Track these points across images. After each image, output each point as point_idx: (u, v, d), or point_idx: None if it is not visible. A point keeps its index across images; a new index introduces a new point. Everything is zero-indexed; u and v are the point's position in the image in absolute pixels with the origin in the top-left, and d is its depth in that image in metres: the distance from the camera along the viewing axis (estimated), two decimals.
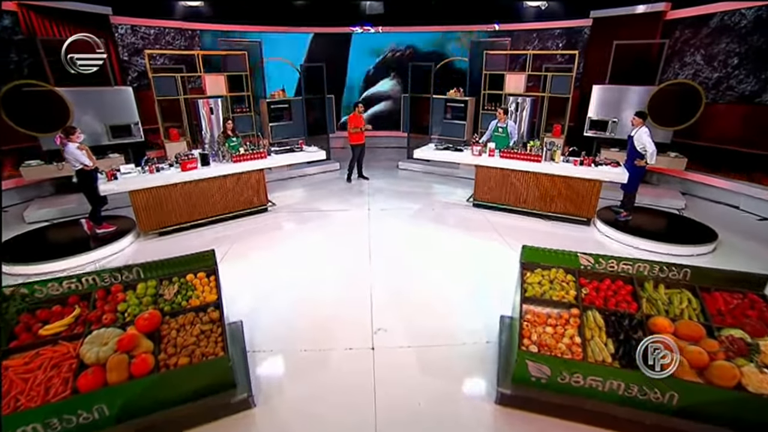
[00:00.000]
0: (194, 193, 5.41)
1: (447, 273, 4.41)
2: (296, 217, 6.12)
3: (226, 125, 6.14)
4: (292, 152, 6.40)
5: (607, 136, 6.89)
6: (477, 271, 4.44)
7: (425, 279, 4.29)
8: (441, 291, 4.07)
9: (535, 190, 5.92)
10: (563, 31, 8.45)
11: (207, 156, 5.47)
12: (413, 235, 5.43)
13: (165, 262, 2.89)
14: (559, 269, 3.11)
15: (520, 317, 2.81)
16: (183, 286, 2.87)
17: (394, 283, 4.20)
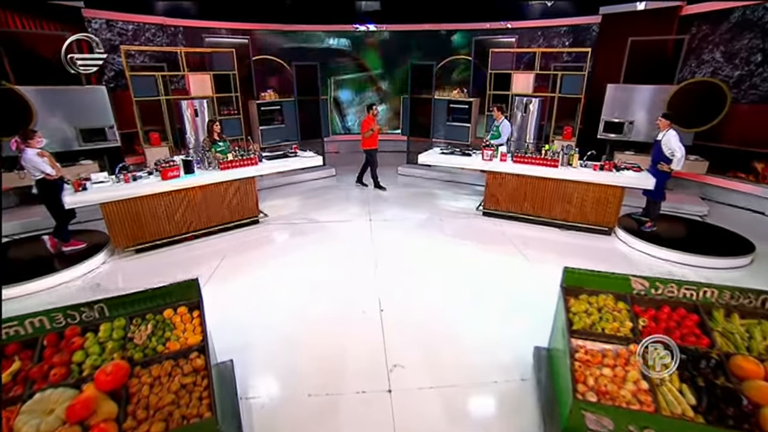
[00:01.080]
0: (176, 204, 4.89)
1: (464, 294, 3.97)
2: (291, 229, 5.62)
3: (212, 128, 5.63)
4: (285, 158, 5.92)
5: (622, 138, 6.56)
6: (498, 292, 4.01)
7: (441, 302, 3.84)
8: (461, 316, 3.62)
9: (551, 197, 5.54)
10: (570, 29, 8.16)
11: (191, 162, 4.95)
12: (422, 249, 4.99)
13: (136, 295, 2.38)
14: (608, 295, 2.69)
15: (569, 356, 2.37)
16: (159, 325, 2.36)
17: (407, 308, 3.74)
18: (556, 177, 5.38)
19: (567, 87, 6.89)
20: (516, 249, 4.99)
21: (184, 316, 2.47)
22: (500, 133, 6.34)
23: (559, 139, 7.34)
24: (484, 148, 5.84)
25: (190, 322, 2.46)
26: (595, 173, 5.22)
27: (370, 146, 6.99)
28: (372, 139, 6.93)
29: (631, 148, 6.61)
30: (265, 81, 8.65)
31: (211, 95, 7.20)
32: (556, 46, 8.34)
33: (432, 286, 4.11)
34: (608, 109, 6.59)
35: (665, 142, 4.85)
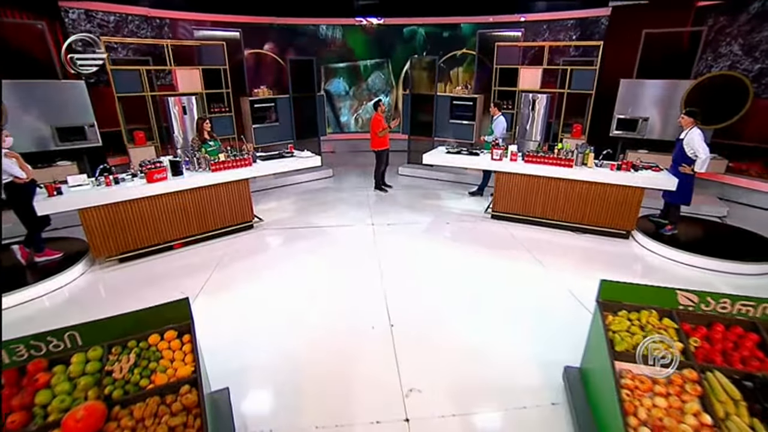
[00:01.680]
0: (163, 209, 4.57)
1: (480, 306, 3.71)
2: (288, 235, 5.32)
3: (202, 127, 5.31)
4: (281, 158, 5.62)
5: (635, 136, 6.37)
6: (516, 303, 3.76)
7: (455, 315, 3.58)
8: (478, 331, 3.37)
9: (564, 199, 5.32)
10: (577, 22, 7.96)
11: (179, 164, 4.64)
12: (430, 255, 4.73)
13: (116, 319, 2.08)
14: (650, 311, 2.45)
15: (615, 383, 2.11)
16: (143, 354, 2.06)
17: (419, 322, 3.47)
18: (570, 177, 5.16)
19: (577, 82, 6.69)
20: (530, 254, 4.76)
21: (172, 342, 2.18)
22: (494, 129, 6.26)
23: (568, 137, 7.15)
24: (494, 147, 5.61)
25: (180, 349, 2.16)
26: (612, 173, 5.00)
27: (382, 146, 6.74)
28: (384, 139, 6.68)
29: (644, 147, 6.42)
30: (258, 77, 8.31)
31: (200, 91, 6.88)
32: (562, 40, 8.15)
33: (444, 297, 3.85)
34: (621, 106, 6.40)
35: (688, 141, 4.64)
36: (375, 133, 6.59)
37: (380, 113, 6.56)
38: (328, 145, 9.76)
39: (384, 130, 6.56)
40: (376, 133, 6.58)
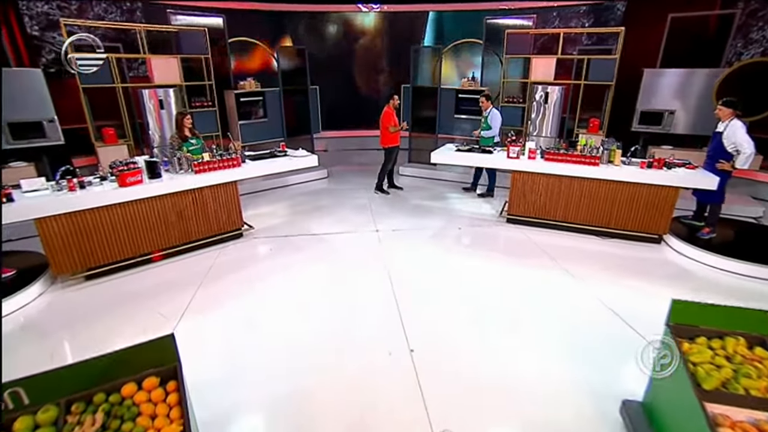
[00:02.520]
0: (138, 217, 4.13)
1: (510, 325, 3.38)
2: (283, 244, 4.93)
3: (182, 123, 4.88)
4: (273, 158, 5.22)
5: (660, 131, 6.14)
6: (549, 320, 3.45)
7: (484, 336, 3.24)
8: (512, 355, 3.03)
9: (588, 200, 5.06)
10: (590, 9, 7.74)
11: (156, 165, 4.21)
12: (445, 266, 4.40)
13: (76, 368, 1.67)
14: (737, 338, 2.14)
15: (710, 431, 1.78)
16: (114, 411, 1.66)
17: (443, 347, 3.12)
18: (596, 177, 4.89)
19: (595, 73, 6.44)
20: (555, 263, 4.47)
21: (153, 393, 1.78)
22: (490, 125, 6.09)
23: (584, 132, 6.90)
24: (510, 144, 5.31)
25: (164, 401, 1.77)
26: (642, 172, 4.74)
27: (393, 143, 6.43)
28: (395, 135, 6.37)
29: (668, 142, 6.20)
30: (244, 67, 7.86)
31: (179, 83, 6.43)
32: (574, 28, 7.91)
33: (467, 314, 3.51)
34: (645, 98, 6.16)
35: (729, 134, 4.40)
36: (385, 128, 6.27)
37: (392, 107, 6.26)
38: (320, 143, 9.36)
39: (396, 127, 6.25)
40: (386, 128, 6.26)
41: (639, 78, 6.40)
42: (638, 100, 6.20)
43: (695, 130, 6.00)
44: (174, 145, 4.68)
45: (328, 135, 9.28)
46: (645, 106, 6.21)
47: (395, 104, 6.26)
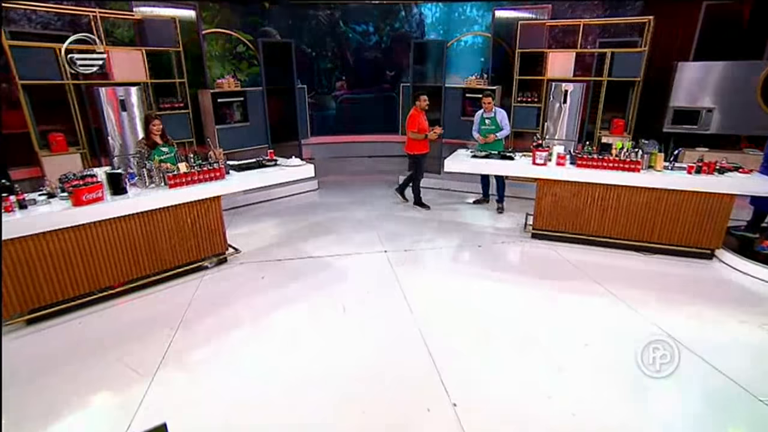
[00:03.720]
0: (99, 243, 3.60)
1: (566, 366, 2.99)
2: (276, 271, 4.45)
3: (150, 127, 4.39)
4: (261, 168, 4.76)
5: (698, 131, 5.98)
6: (611, 358, 3.09)
7: (538, 381, 2.84)
8: (578, 406, 2.63)
9: (627, 211, 4.82)
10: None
11: (121, 178, 3.69)
12: (473, 294, 4.03)
13: None
14: None
15: None
16: None
17: (492, 399, 2.70)
18: (636, 185, 4.63)
19: (619, 68, 6.26)
20: (598, 285, 4.16)
21: None
22: (500, 125, 5.87)
23: (607, 134, 6.71)
24: (536, 149, 5.02)
25: None
26: (690, 177, 4.51)
27: (419, 150, 6.06)
28: (423, 142, 6.01)
29: (702, 143, 6.04)
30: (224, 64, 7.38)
31: (145, 80, 5.92)
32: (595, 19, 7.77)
33: (512, 354, 3.12)
34: (678, 95, 6.00)
35: None
36: (409, 133, 5.99)
37: (419, 109, 5.92)
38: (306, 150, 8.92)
39: (418, 132, 5.90)
40: (409, 133, 5.98)
41: (667, 73, 6.26)
42: (671, 97, 6.03)
43: (733, 130, 5.86)
44: (143, 154, 4.17)
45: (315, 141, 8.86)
46: (679, 104, 6.04)
47: (422, 105, 5.90)
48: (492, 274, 4.46)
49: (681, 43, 6.25)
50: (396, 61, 8.69)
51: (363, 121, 8.85)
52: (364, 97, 8.99)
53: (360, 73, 8.92)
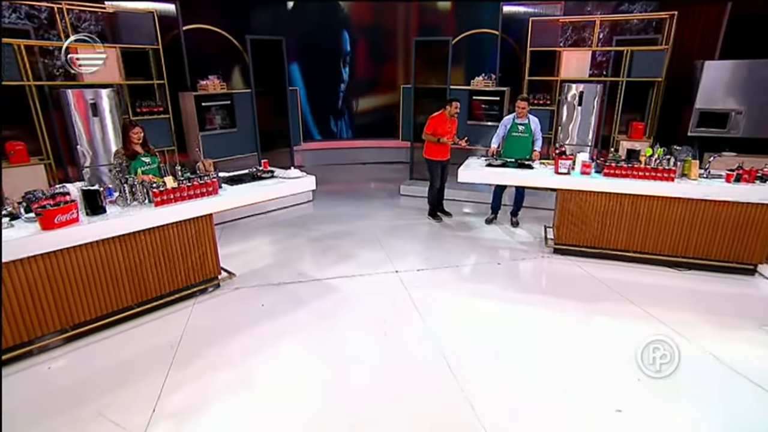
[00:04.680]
0: (73, 272, 3.26)
1: (623, 406, 2.77)
2: (277, 296, 4.16)
3: (130, 135, 4.08)
4: (256, 180, 4.47)
5: (726, 134, 5.93)
6: (669, 396, 2.89)
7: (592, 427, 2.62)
8: None
9: (658, 224, 4.69)
10: None
11: (98, 196, 3.36)
12: (501, 319, 3.82)
13: None
14: None
15: None
16: None
17: None
18: (672, 195, 4.50)
19: (639, 67, 6.19)
20: (636, 307, 4.00)
21: None
22: (533, 133, 5.58)
23: (625, 138, 6.63)
24: (559, 157, 4.86)
25: None
26: (729, 187, 4.40)
27: (432, 155, 5.84)
28: (441, 147, 5.76)
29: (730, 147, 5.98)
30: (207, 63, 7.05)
31: (120, 82, 5.58)
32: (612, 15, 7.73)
33: (556, 392, 2.90)
34: (705, 96, 5.93)
35: None
36: (428, 135, 5.75)
37: (447, 114, 5.64)
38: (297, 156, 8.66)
39: (436, 136, 5.63)
40: (425, 135, 5.75)
41: (688, 72, 6.21)
42: (696, 98, 5.97)
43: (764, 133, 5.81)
44: (123, 166, 3.84)
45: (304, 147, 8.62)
46: (705, 106, 5.98)
47: (451, 112, 5.62)
48: (517, 296, 4.25)
49: (705, 41, 6.21)
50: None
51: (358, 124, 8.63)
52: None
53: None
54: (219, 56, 6.97)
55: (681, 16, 5.96)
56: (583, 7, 7.68)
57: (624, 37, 7.21)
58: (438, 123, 5.64)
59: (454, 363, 3.16)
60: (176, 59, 6.19)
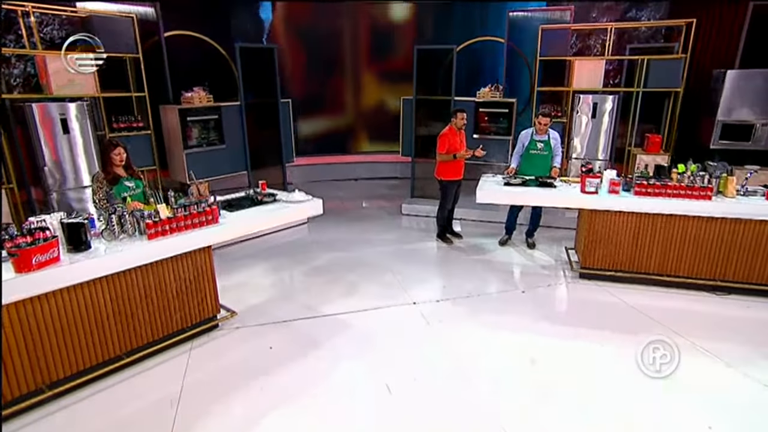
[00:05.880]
0: (51, 321, 2.92)
1: None
2: (286, 336, 3.90)
3: (112, 156, 3.79)
4: (256, 205, 4.19)
5: (751, 147, 5.98)
6: None
7: None
8: None
9: (694, 245, 4.62)
10: None
11: (82, 230, 3.04)
12: (538, 356, 3.62)
13: None
14: None
15: None
16: None
17: None
18: (710, 215, 4.44)
19: (655, 77, 6.22)
20: (683, 339, 3.84)
21: None
22: (554, 152, 5.50)
23: (641, 152, 6.62)
24: (585, 176, 4.77)
25: None
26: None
27: (446, 176, 5.67)
28: (452, 166, 5.61)
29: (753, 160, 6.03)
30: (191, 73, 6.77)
31: (94, 94, 5.27)
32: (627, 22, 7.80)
33: None
34: (728, 107, 5.98)
35: None
36: (438, 155, 5.62)
37: (454, 128, 5.52)
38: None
39: (450, 153, 5.49)
40: (439, 155, 5.60)
41: (706, 82, 6.26)
42: (718, 109, 6.01)
43: None
44: (109, 193, 3.51)
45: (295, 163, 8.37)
46: (728, 117, 6.03)
47: (459, 124, 5.49)
48: (552, 329, 4.08)
49: (723, 49, 6.28)
50: None
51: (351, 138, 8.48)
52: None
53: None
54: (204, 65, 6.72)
55: (697, 24, 6.02)
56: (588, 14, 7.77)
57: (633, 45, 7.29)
58: (449, 139, 5.52)
59: (504, 407, 2.96)
60: (157, 69, 5.91)
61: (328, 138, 9.50)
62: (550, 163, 5.45)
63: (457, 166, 5.63)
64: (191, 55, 6.77)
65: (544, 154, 5.43)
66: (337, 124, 9.72)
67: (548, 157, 5.44)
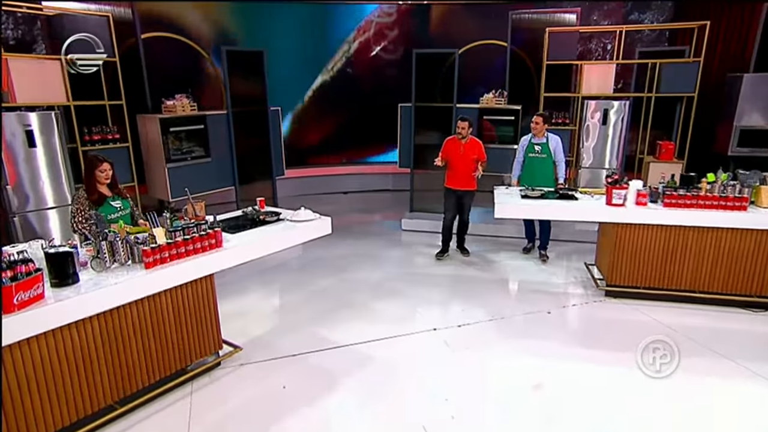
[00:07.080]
0: (32, 368, 2.60)
1: None
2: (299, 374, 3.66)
3: (96, 174, 3.53)
4: (259, 226, 3.95)
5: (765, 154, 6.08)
6: None
7: None
8: None
9: (728, 259, 4.60)
10: None
11: (69, 260, 2.75)
12: (585, 388, 3.47)
13: None
14: None
15: None
16: None
17: None
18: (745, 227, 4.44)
19: (668, 82, 6.28)
20: (730, 361, 3.82)
21: None
22: (553, 154, 5.55)
23: (653, 159, 6.65)
24: (611, 187, 4.70)
25: None
26: None
27: (447, 184, 5.75)
28: (448, 173, 5.70)
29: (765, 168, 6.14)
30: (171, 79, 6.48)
31: (64, 102, 4.94)
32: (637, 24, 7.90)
33: None
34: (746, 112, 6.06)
35: None
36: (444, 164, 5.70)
37: (458, 138, 5.58)
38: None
39: (443, 160, 5.59)
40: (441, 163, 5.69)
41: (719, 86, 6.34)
42: (735, 115, 6.09)
43: None
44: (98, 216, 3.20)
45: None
46: (745, 123, 6.12)
47: (462, 132, 5.49)
48: (583, 352, 3.99)
49: (734, 52, 6.39)
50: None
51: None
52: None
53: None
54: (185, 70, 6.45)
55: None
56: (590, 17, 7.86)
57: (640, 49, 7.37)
58: (447, 145, 5.62)
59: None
60: (134, 74, 5.62)
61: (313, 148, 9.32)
62: (550, 169, 5.51)
63: (454, 175, 5.64)
64: (172, 60, 6.48)
65: (543, 157, 5.49)
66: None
67: (547, 161, 5.49)
